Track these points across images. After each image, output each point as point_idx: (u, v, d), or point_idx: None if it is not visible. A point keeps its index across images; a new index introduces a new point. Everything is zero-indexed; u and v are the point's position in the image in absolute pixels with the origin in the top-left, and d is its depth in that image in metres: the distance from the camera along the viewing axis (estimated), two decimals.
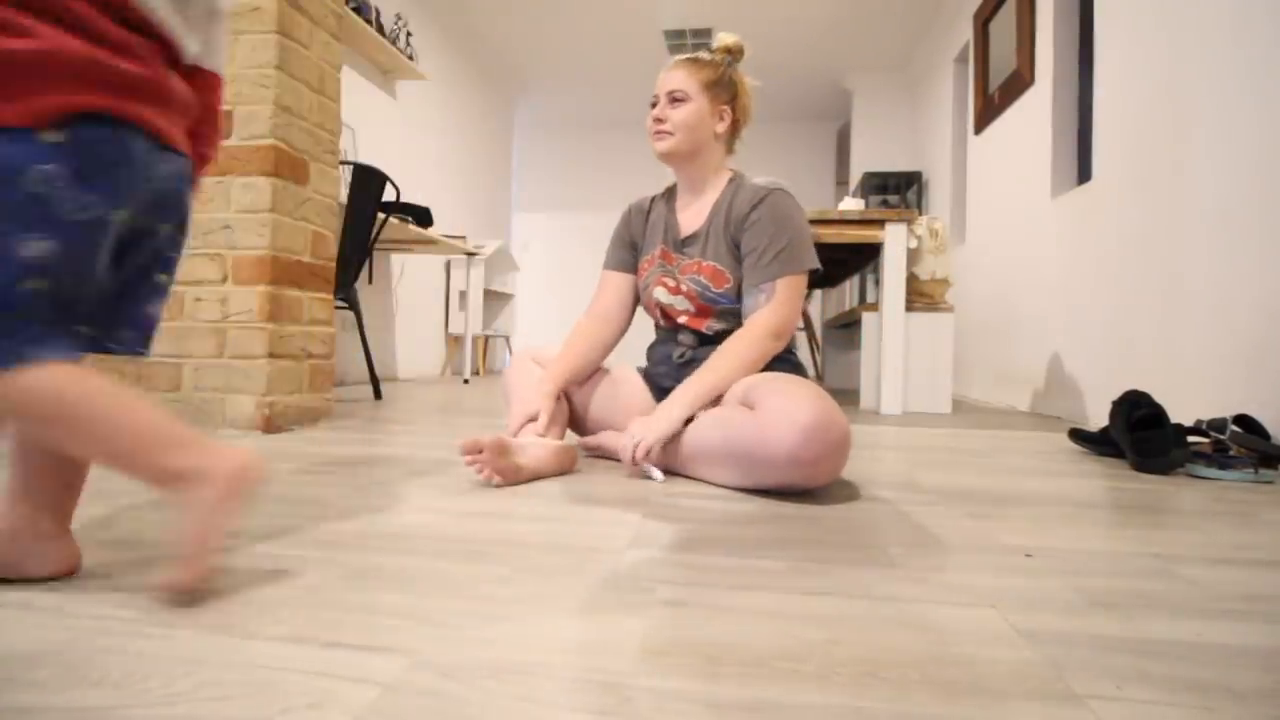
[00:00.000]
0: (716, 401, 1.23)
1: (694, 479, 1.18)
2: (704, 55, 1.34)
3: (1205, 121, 1.84)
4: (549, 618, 0.57)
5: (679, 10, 4.53)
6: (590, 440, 1.41)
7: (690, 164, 1.34)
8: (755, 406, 1.08)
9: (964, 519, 0.95)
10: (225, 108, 1.67)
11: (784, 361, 1.35)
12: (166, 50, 0.63)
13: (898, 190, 4.90)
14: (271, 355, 1.66)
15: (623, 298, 1.46)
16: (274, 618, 0.55)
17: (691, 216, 1.38)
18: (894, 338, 2.64)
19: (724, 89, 1.33)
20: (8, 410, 0.57)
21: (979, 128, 3.68)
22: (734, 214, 1.30)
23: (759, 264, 1.26)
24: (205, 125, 0.70)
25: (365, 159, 3.58)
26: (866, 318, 2.79)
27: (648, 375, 1.45)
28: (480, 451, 1.06)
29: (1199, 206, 1.85)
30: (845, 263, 3.26)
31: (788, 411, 1.01)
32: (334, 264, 1.93)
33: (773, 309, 1.25)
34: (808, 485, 1.04)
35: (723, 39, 1.35)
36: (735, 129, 1.37)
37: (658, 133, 1.31)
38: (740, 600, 0.62)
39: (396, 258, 4.08)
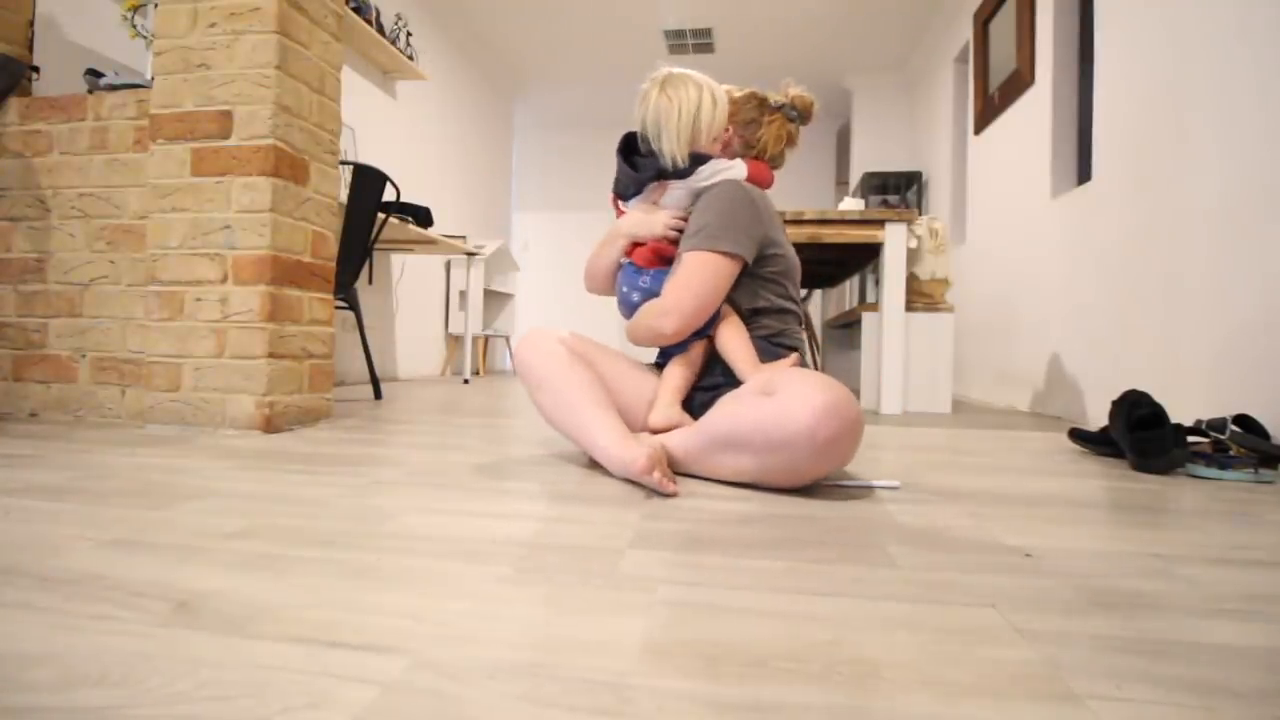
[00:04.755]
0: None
1: (701, 477, 1.18)
2: (765, 94, 1.42)
3: (1205, 121, 1.84)
4: (549, 618, 0.57)
5: (679, 10, 4.53)
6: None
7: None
8: (773, 394, 1.08)
9: (964, 519, 0.95)
10: (225, 108, 1.67)
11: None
12: None
13: (898, 190, 4.90)
14: (271, 355, 1.66)
15: None
16: (274, 618, 0.55)
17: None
18: (894, 338, 2.64)
19: (736, 115, 1.39)
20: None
21: (979, 128, 3.68)
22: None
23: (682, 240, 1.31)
24: None
25: (365, 159, 3.58)
26: (866, 318, 2.79)
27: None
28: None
29: (1199, 206, 1.85)
30: (845, 263, 3.26)
31: (805, 393, 1.02)
32: (334, 264, 1.93)
33: (668, 286, 1.28)
34: (820, 468, 1.04)
35: (791, 87, 1.43)
36: (748, 149, 1.42)
37: None
38: (740, 600, 0.62)
39: (396, 258, 4.08)
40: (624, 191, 1.40)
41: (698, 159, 1.31)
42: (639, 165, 1.35)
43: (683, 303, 1.25)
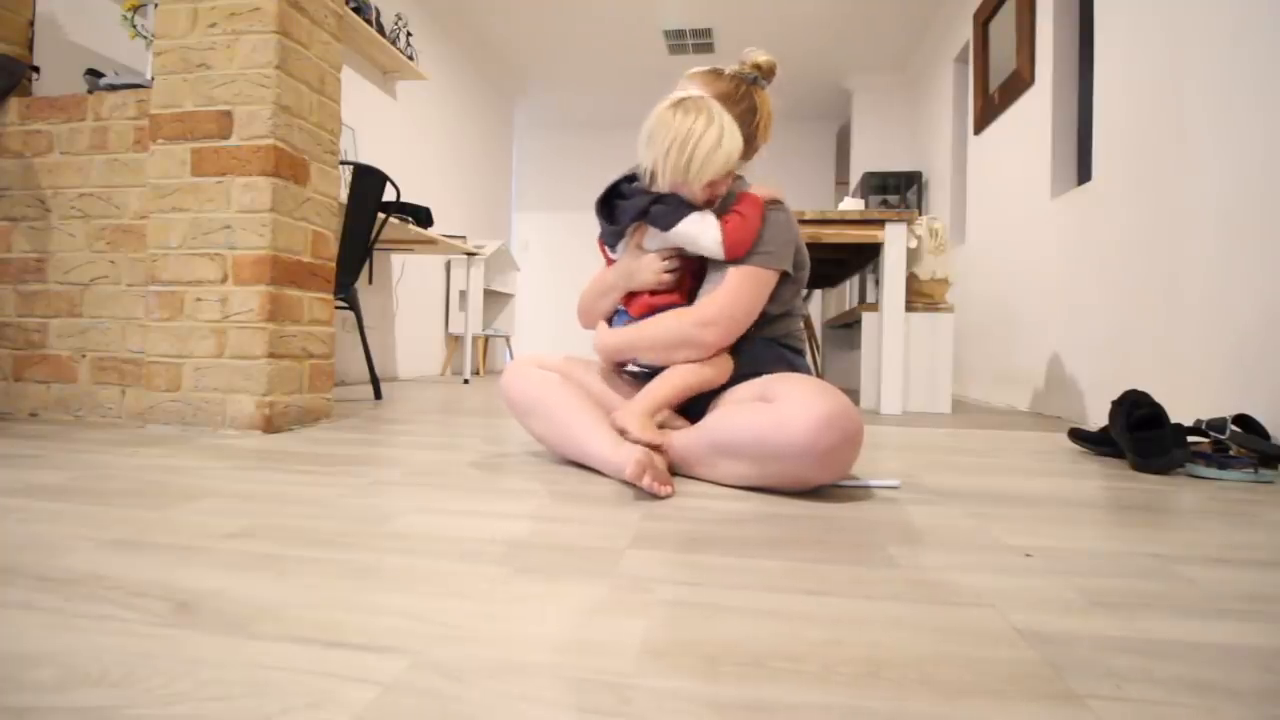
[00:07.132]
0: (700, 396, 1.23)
1: (699, 479, 1.18)
2: (728, 68, 1.34)
3: (1205, 121, 1.84)
4: (549, 618, 0.57)
5: (679, 10, 4.53)
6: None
7: None
8: (772, 400, 1.08)
9: (964, 519, 0.95)
10: (225, 108, 1.67)
11: (792, 366, 1.35)
12: None
13: (898, 190, 4.90)
14: (271, 355, 1.66)
15: None
16: (274, 618, 0.55)
17: None
18: (894, 338, 2.64)
19: (737, 103, 1.31)
20: None
21: (979, 128, 3.68)
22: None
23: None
24: None
25: (365, 159, 3.58)
26: (866, 318, 2.79)
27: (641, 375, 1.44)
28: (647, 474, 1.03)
29: (1199, 206, 1.85)
30: (845, 263, 3.26)
31: (805, 403, 1.01)
32: (334, 264, 1.93)
33: (713, 296, 1.22)
34: (819, 477, 1.04)
35: (754, 54, 1.35)
36: (749, 146, 1.34)
37: None
38: (740, 600, 0.62)
39: (396, 258, 4.08)
40: (611, 242, 1.36)
41: (681, 204, 1.21)
42: (621, 209, 1.27)
43: (730, 314, 1.21)
